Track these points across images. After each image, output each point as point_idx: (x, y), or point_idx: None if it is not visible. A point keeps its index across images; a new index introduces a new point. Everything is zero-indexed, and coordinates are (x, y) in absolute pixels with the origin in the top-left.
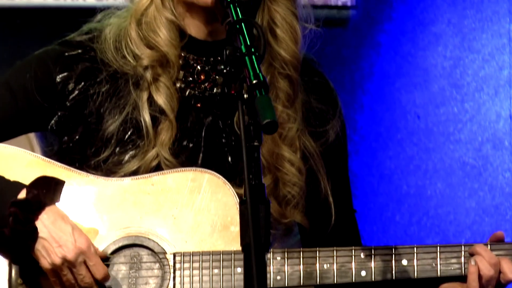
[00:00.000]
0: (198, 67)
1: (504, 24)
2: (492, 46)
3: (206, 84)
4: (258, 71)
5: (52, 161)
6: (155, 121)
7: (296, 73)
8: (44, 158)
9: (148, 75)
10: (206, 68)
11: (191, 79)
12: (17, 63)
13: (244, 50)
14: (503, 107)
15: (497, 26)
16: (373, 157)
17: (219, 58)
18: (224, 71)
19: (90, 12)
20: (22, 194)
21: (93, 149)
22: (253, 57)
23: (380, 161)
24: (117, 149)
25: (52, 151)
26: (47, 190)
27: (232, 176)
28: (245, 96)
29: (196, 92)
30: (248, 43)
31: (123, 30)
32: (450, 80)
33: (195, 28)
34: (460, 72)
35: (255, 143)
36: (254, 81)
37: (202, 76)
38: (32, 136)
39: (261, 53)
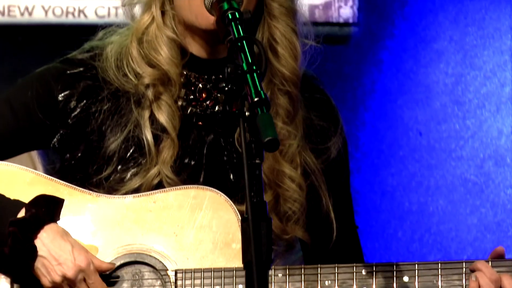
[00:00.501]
0: (200, 85)
1: (505, 41)
2: (493, 63)
3: (207, 102)
4: (259, 89)
5: (54, 178)
6: (157, 139)
7: (296, 90)
8: (46, 175)
9: (150, 93)
10: (208, 86)
11: (192, 97)
12: (18, 80)
13: (245, 68)
14: (505, 124)
15: (498, 43)
16: (375, 174)
17: (220, 76)
18: (226, 88)
19: (91, 29)
20: (21, 213)
21: (95, 166)
22: (255, 74)
23: (382, 178)
24: (119, 166)
25: (54, 169)
26: (46, 208)
27: (234, 193)
28: (246, 113)
29: (198, 110)
30: (250, 61)
31: (124, 48)
32: (452, 97)
33: (196, 47)
34: (461, 89)
35: (257, 161)
36: (256, 99)
37: (203, 94)
38: (34, 153)
39: (262, 71)
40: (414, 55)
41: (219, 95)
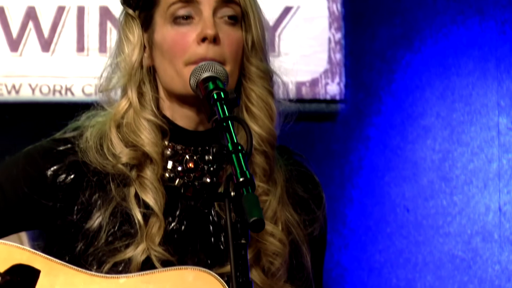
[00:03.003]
0: (187, 156)
1: (492, 117)
2: (481, 139)
3: (195, 173)
4: (244, 169)
5: (50, 257)
6: (143, 216)
7: (272, 150)
8: (42, 254)
9: (133, 174)
10: (195, 158)
11: (180, 168)
12: (6, 158)
13: (230, 148)
14: (492, 200)
15: (485, 119)
16: (362, 250)
17: (206, 147)
18: (211, 168)
19: (78, 107)
20: None
21: (84, 239)
22: (240, 154)
23: (370, 254)
24: (109, 238)
25: (41, 246)
26: (22, 277)
27: (221, 263)
28: (232, 193)
29: (185, 180)
30: (235, 141)
31: (103, 133)
32: (439, 173)
33: (183, 119)
34: (449, 165)
35: (242, 241)
36: (241, 179)
37: (191, 165)
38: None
39: (247, 151)
40: (401, 132)
41: (205, 166)
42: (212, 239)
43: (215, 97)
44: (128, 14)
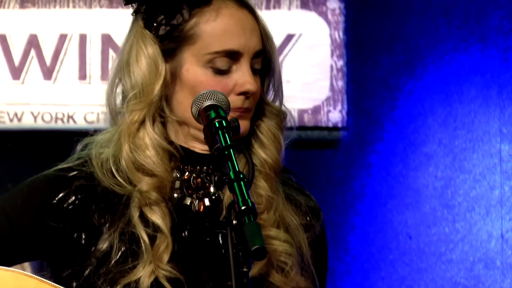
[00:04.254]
0: (194, 175)
1: (495, 144)
2: (483, 166)
3: (203, 191)
4: (246, 197)
5: (58, 285)
6: (151, 236)
7: (276, 176)
8: (50, 282)
9: (140, 195)
10: (201, 175)
11: (188, 187)
12: (9, 187)
13: (232, 176)
14: (495, 227)
15: (487, 146)
16: (365, 277)
17: (211, 167)
18: (213, 197)
19: (80, 135)
20: None
21: (94, 261)
22: (242, 183)
23: (372, 281)
24: (120, 259)
25: (47, 276)
26: None
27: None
28: (234, 222)
29: (194, 198)
30: (237, 169)
31: (109, 157)
32: (441, 201)
33: (197, 145)
34: (451, 193)
35: (244, 269)
36: (243, 207)
37: (198, 180)
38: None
39: (249, 179)
40: (403, 159)
41: (212, 186)
42: (223, 250)
43: (217, 125)
44: (148, 36)
